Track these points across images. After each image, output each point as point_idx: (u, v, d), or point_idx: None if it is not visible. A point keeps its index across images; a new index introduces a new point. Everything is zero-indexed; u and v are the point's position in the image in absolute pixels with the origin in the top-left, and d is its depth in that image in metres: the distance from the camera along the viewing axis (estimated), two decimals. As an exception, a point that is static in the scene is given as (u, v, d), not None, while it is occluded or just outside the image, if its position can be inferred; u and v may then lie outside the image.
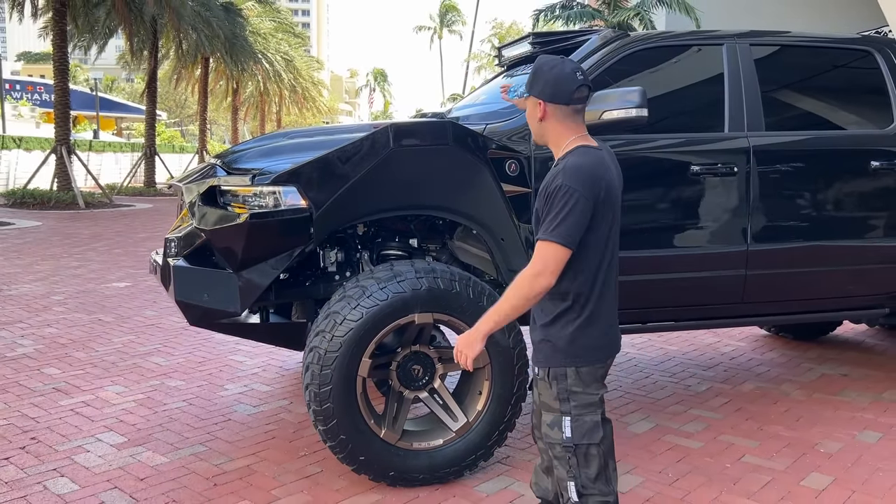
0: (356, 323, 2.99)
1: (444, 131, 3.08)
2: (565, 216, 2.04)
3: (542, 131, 2.23)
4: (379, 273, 3.11)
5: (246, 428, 3.86)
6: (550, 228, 2.06)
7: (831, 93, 4.04)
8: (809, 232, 3.75)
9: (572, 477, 2.16)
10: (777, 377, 4.85)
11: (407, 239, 3.68)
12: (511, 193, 3.33)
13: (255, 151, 3.46)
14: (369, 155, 3.04)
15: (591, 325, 2.16)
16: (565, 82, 2.13)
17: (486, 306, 3.08)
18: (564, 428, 2.15)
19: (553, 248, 2.05)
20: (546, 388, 2.20)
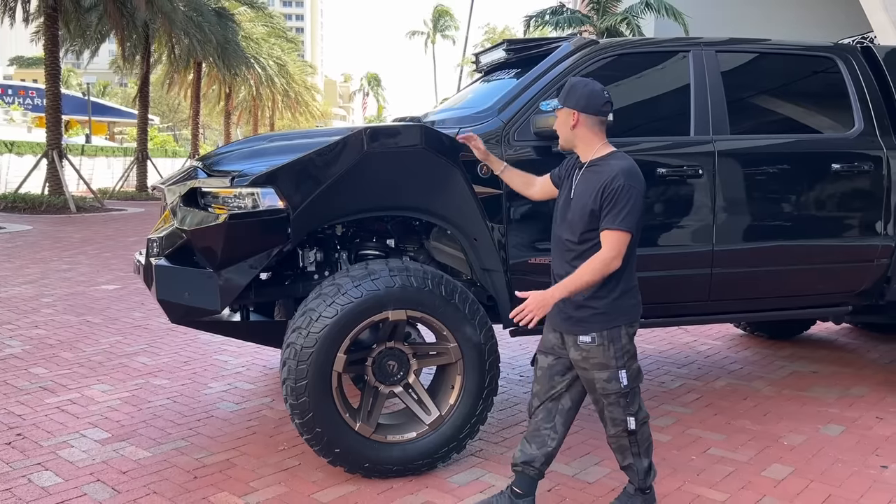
0: (331, 319, 3.10)
1: (417, 135, 3.20)
2: (631, 209, 2.59)
3: (573, 137, 2.78)
4: (354, 271, 3.22)
5: (228, 424, 3.97)
6: (619, 219, 2.59)
7: (796, 98, 4.17)
8: (773, 232, 3.88)
9: (630, 413, 2.77)
10: (749, 374, 4.98)
11: (384, 239, 3.80)
12: (483, 195, 3.45)
13: (235, 154, 3.57)
14: (344, 157, 3.15)
15: (629, 292, 2.75)
16: (596, 97, 2.72)
17: (459, 303, 3.23)
18: (622, 379, 2.72)
19: (623, 235, 2.60)
20: (602, 351, 2.71)
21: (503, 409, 4.24)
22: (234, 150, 3.66)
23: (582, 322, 2.74)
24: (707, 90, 3.84)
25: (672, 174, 3.70)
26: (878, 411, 4.21)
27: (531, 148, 3.56)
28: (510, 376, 4.90)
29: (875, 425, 4.00)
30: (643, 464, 2.89)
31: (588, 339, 2.71)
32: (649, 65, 3.98)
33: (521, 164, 3.50)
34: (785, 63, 4.13)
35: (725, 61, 3.94)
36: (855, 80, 4.09)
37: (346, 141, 3.14)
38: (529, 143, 3.55)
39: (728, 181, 3.79)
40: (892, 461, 3.53)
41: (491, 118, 3.59)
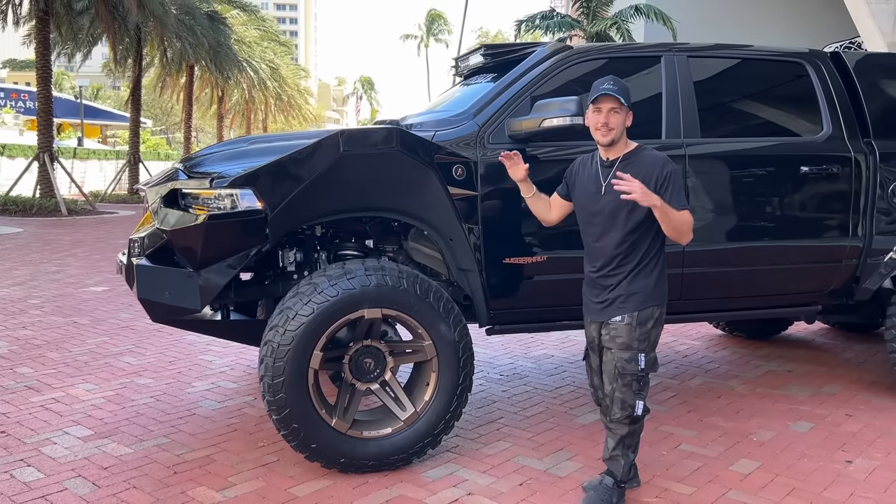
0: (307, 318, 3.17)
1: (392, 137, 3.28)
2: (682, 189, 2.93)
3: (622, 134, 2.99)
4: (330, 271, 3.29)
5: (209, 422, 4.03)
6: (683, 200, 2.91)
7: (766, 102, 4.27)
8: (743, 233, 3.97)
9: (640, 398, 2.97)
10: (725, 373, 5.07)
11: (363, 240, 3.88)
12: (458, 196, 3.53)
13: (216, 156, 3.64)
14: (321, 159, 3.23)
15: (662, 278, 3.00)
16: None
17: (433, 302, 3.31)
18: (640, 361, 2.92)
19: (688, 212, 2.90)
20: (629, 331, 2.92)
21: (481, 406, 4.32)
22: (214, 152, 3.74)
23: (619, 306, 2.97)
24: (678, 94, 3.94)
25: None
26: (848, 409, 4.31)
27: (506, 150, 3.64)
28: (490, 375, 4.98)
29: (844, 422, 4.09)
30: (630, 458, 3.07)
31: (619, 318, 2.94)
32: (622, 69, 4.05)
33: (496, 167, 3.60)
34: (755, 68, 4.23)
35: (697, 66, 4.04)
36: (824, 85, 4.19)
37: (322, 143, 3.22)
38: (504, 145, 3.63)
39: (698, 183, 3.89)
40: (857, 456, 3.62)
41: (466, 121, 3.67)
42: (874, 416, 4.18)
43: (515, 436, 3.85)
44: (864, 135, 4.20)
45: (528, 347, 5.70)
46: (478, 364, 5.18)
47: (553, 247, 3.71)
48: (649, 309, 2.95)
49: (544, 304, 3.81)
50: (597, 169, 3.08)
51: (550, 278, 3.72)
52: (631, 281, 2.95)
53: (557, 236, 3.73)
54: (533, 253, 3.67)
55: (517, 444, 3.73)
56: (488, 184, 3.58)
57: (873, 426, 4.04)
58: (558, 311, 3.85)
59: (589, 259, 3.11)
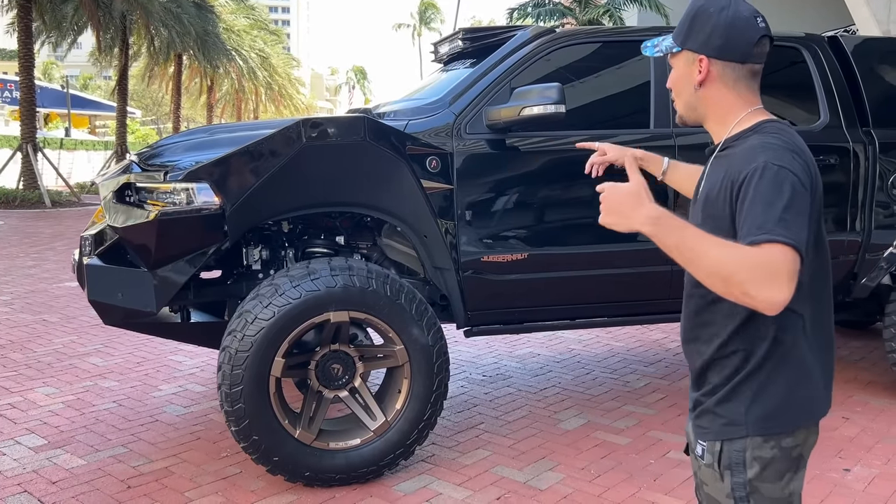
0: (268, 322, 2.95)
1: (358, 126, 3.04)
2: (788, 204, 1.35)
3: (700, 102, 1.60)
4: (293, 271, 3.07)
5: (172, 429, 3.81)
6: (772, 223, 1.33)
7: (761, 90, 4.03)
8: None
9: None
10: (716, 373, 4.86)
11: (335, 236, 3.65)
12: (432, 190, 3.31)
13: (173, 147, 3.42)
14: (281, 150, 2.99)
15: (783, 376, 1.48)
16: (744, 29, 1.52)
17: (405, 303, 3.10)
18: None
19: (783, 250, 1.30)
20: (712, 476, 1.55)
21: (461, 410, 4.11)
22: (171, 143, 3.51)
23: (700, 420, 1.58)
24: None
25: (631, 168, 3.56)
26: (845, 411, 4.11)
27: (484, 141, 3.42)
28: (472, 376, 4.77)
29: (840, 426, 3.90)
30: None
31: (699, 449, 1.58)
32: (610, 55, 3.84)
33: (473, 158, 3.38)
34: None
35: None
36: (821, 72, 3.97)
37: (283, 133, 2.98)
38: (482, 135, 3.41)
39: (689, 175, 3.66)
40: (855, 464, 3.43)
41: (442, 110, 3.44)
42: (872, 419, 3.99)
43: (495, 443, 3.64)
44: (862, 124, 3.99)
45: (513, 346, 5.49)
46: (460, 364, 5.00)
47: (535, 243, 3.50)
48: (740, 440, 1.50)
49: (525, 304, 3.60)
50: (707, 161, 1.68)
51: (532, 277, 3.50)
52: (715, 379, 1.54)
53: (539, 232, 3.52)
54: (513, 250, 3.45)
55: (497, 453, 3.52)
56: (465, 177, 3.35)
57: (871, 430, 3.84)
58: (540, 311, 3.64)
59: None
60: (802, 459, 1.53)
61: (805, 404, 1.50)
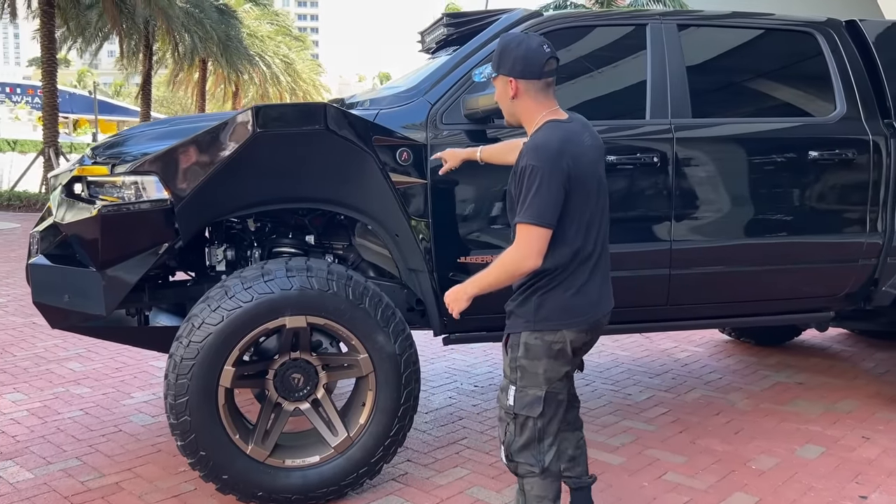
0: (215, 327, 2.70)
1: (317, 114, 2.77)
2: (534, 195, 2.08)
3: (514, 110, 2.27)
4: (246, 272, 2.82)
5: (134, 440, 3.58)
6: (524, 209, 2.10)
7: (769, 78, 3.72)
8: (739, 228, 3.43)
9: (505, 444, 2.28)
10: (727, 385, 4.53)
11: (304, 236, 3.40)
12: (402, 185, 3.04)
13: (128, 139, 3.22)
14: (232, 140, 2.74)
15: (545, 292, 2.21)
16: (535, 56, 2.20)
17: (369, 308, 2.83)
18: (509, 396, 2.26)
19: (530, 229, 2.10)
20: (504, 355, 2.33)
21: (444, 424, 3.83)
22: (126, 135, 3.30)
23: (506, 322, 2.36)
24: (666, 68, 3.40)
25: (623, 162, 3.27)
26: (865, 430, 3.76)
27: (462, 132, 3.15)
28: (462, 386, 4.48)
29: (859, 446, 3.55)
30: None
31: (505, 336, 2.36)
32: (602, 40, 3.55)
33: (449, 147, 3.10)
34: (757, 39, 3.67)
35: (688, 36, 3.50)
36: (837, 58, 3.63)
37: (233, 121, 2.73)
38: (460, 126, 3.14)
39: (688, 171, 3.36)
40: (874, 490, 3.09)
41: (416, 99, 3.18)
42: (895, 439, 3.63)
43: (475, 461, 3.35)
44: (884, 115, 3.64)
45: (511, 354, 5.18)
46: (452, 373, 4.72)
47: (517, 244, 3.21)
48: (515, 336, 2.27)
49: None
50: None
51: (514, 280, 3.21)
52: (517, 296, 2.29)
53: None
54: (492, 251, 3.16)
55: (476, 472, 3.23)
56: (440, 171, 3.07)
57: (893, 451, 3.49)
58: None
59: None
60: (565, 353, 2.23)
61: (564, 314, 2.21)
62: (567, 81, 3.38)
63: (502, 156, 2.67)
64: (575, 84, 3.45)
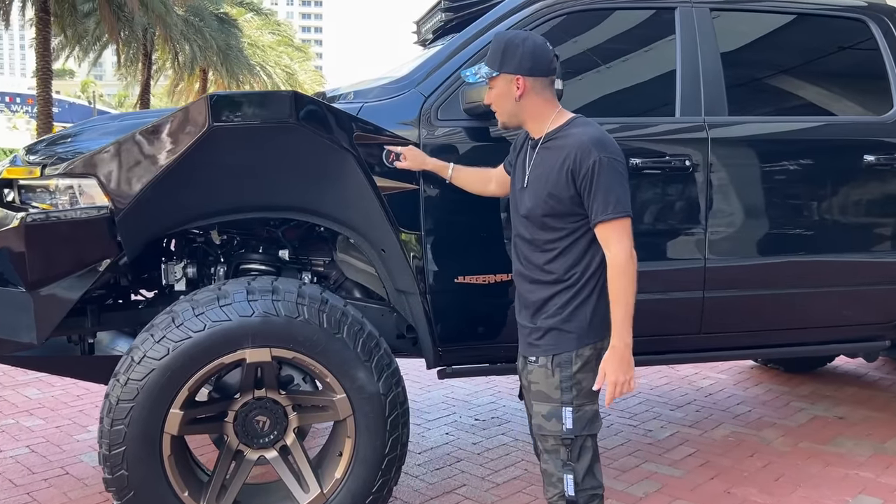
0: (159, 362, 2.23)
1: (283, 104, 2.29)
2: (620, 187, 2.02)
3: (520, 110, 2.13)
4: (199, 295, 2.35)
5: (80, 486, 3.10)
6: (609, 204, 2.00)
7: (814, 71, 3.24)
8: (783, 244, 2.95)
9: (570, 470, 2.09)
10: (759, 420, 4.03)
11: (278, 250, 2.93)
12: (390, 191, 2.56)
13: (78, 133, 2.76)
14: (183, 136, 2.27)
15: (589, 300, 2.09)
16: (542, 52, 2.10)
17: (348, 339, 2.35)
18: (565, 418, 2.08)
19: (625, 222, 2.02)
20: (545, 376, 2.10)
21: (441, 467, 3.34)
22: (78, 129, 2.85)
23: (534, 340, 2.15)
24: (698, 59, 2.94)
25: (650, 167, 2.79)
26: (924, 476, 3.26)
27: (461, 129, 2.68)
28: (461, 420, 3.99)
29: (921, 498, 3.05)
30: None
31: (533, 357, 2.14)
32: (624, 26, 3.07)
33: (446, 151, 2.64)
34: (800, 25, 3.20)
35: (723, 22, 3.04)
36: (893, 49, 3.17)
37: (185, 113, 2.26)
38: (459, 122, 2.67)
39: (725, 177, 2.88)
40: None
41: (407, 90, 2.71)
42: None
43: (475, 515, 2.86)
44: (947, 115, 3.17)
45: (516, 381, 4.69)
46: (451, 404, 4.24)
47: (525, 261, 2.73)
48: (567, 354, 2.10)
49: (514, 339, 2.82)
50: (526, 151, 2.22)
51: (521, 304, 2.73)
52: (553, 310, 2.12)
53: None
54: (496, 269, 2.69)
55: (475, 530, 2.75)
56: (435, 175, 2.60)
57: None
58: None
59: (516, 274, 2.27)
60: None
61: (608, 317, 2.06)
62: (583, 74, 2.92)
63: (477, 184, 2.48)
64: (591, 77, 2.99)
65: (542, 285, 2.12)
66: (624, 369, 2.01)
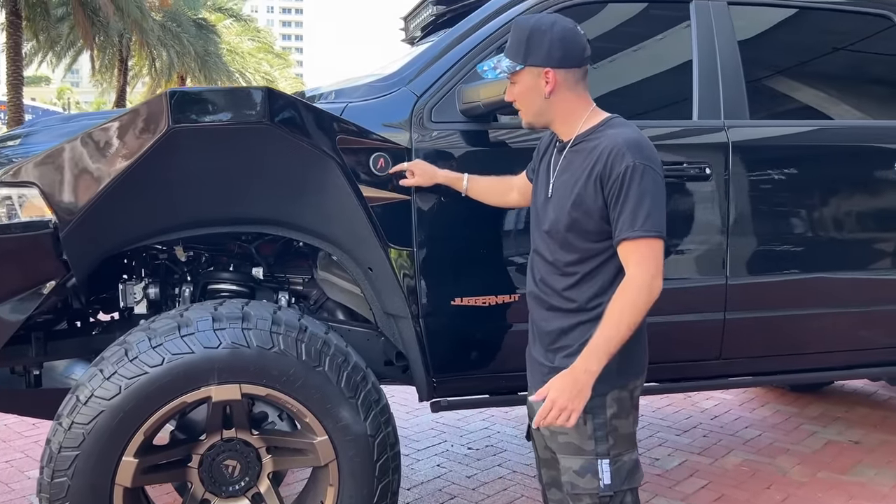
0: (109, 403, 1.91)
1: (258, 102, 1.99)
2: (650, 201, 1.71)
3: (548, 108, 1.85)
4: (157, 323, 2.03)
5: (27, 533, 2.76)
6: (640, 219, 1.70)
7: (841, 69, 2.99)
8: (812, 259, 2.68)
9: None
10: (771, 446, 3.76)
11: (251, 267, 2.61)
12: (379, 202, 2.26)
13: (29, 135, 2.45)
14: (140, 138, 1.95)
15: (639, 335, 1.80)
16: (574, 38, 1.82)
17: (329, 371, 2.04)
18: (602, 473, 1.81)
19: (655, 244, 1.72)
20: (577, 426, 1.77)
21: (432, 505, 3.04)
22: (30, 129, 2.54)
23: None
24: (717, 57, 2.67)
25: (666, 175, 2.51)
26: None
27: (457, 133, 2.39)
28: (453, 449, 3.69)
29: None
30: None
31: None
32: (634, 19, 2.81)
33: (441, 157, 2.34)
34: (825, 21, 2.94)
35: (743, 17, 2.78)
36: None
37: (142, 112, 1.95)
38: (455, 125, 2.38)
39: (747, 186, 2.61)
40: None
41: (397, 89, 2.41)
42: None
43: (473, 565, 2.56)
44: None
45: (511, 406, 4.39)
46: (440, 430, 3.93)
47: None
48: (600, 396, 1.78)
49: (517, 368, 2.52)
50: (551, 155, 1.94)
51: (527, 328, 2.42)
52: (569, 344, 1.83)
53: (535, 265, 2.46)
54: (497, 289, 2.39)
55: (474, 583, 2.44)
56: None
57: None
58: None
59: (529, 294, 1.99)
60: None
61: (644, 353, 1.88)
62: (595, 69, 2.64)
63: (496, 194, 2.22)
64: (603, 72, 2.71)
65: (561, 314, 1.84)
66: (572, 396, 1.66)
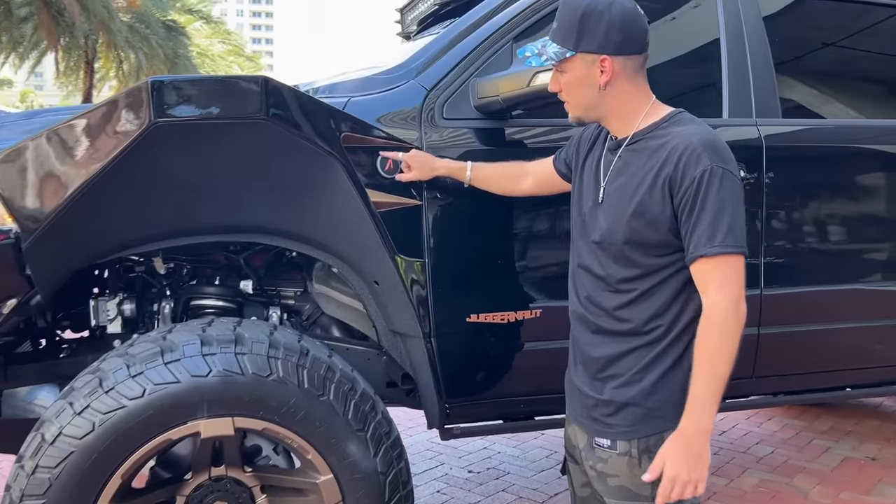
0: (80, 442, 1.64)
1: (254, 95, 1.73)
2: (731, 211, 1.47)
3: (602, 101, 1.59)
4: (135, 347, 1.76)
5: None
6: (720, 233, 1.45)
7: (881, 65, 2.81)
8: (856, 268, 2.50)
9: None
10: (786, 464, 3.57)
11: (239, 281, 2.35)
12: (387, 207, 2.02)
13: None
14: (114, 135, 1.69)
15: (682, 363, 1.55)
16: (635, 21, 1.56)
17: (334, 400, 1.79)
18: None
19: (737, 261, 1.48)
20: (629, 466, 1.56)
21: (436, 538, 2.79)
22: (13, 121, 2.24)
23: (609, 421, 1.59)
24: (746, 52, 2.48)
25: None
26: None
27: (471, 130, 2.16)
28: (453, 471, 3.44)
29: None
30: None
31: (607, 441, 1.59)
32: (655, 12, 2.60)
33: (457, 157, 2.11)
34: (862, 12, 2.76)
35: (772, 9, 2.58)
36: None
37: (116, 104, 1.68)
38: (468, 121, 2.15)
39: (782, 188, 2.41)
40: None
41: (404, 82, 2.17)
42: None
43: None
44: None
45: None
46: (439, 451, 3.69)
47: (552, 294, 2.20)
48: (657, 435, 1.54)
49: (537, 391, 2.29)
50: (601, 155, 1.66)
51: (549, 346, 2.19)
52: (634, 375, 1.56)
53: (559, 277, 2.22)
54: (518, 305, 2.16)
55: None
56: (441, 187, 2.07)
57: None
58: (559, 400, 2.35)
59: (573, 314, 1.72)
60: None
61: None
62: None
63: (506, 181, 2.00)
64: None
65: (612, 337, 1.58)
66: (691, 464, 1.43)
